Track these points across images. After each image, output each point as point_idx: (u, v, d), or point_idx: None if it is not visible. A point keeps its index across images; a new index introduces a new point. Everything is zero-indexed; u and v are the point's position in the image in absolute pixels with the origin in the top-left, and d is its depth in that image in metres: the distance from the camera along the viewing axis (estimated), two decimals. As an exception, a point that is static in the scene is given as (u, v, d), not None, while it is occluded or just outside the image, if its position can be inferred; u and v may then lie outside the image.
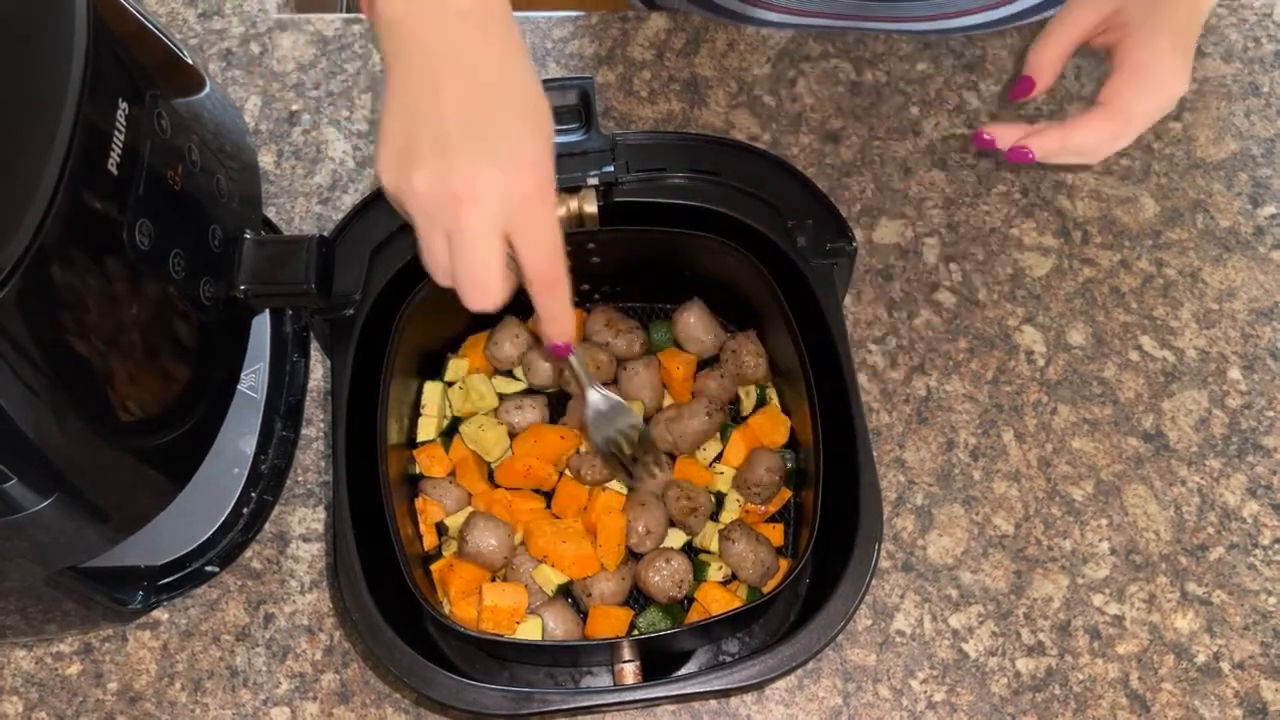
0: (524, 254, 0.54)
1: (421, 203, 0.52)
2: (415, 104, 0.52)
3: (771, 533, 0.71)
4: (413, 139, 0.52)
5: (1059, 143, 0.62)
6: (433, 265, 0.55)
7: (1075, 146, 0.62)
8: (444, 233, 0.53)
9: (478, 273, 0.53)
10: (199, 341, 0.59)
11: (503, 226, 0.52)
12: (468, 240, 0.52)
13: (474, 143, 0.51)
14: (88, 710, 0.68)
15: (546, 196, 0.53)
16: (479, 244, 0.52)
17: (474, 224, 0.52)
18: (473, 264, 0.53)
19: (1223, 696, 0.69)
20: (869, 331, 0.79)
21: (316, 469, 0.75)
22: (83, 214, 0.49)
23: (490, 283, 0.54)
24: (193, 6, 0.92)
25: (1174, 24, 0.62)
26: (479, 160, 0.51)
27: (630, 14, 0.92)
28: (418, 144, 0.52)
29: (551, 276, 0.55)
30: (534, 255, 0.54)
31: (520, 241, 0.53)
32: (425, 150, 0.51)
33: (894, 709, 0.68)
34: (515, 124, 0.53)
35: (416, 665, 0.60)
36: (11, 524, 0.52)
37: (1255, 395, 0.78)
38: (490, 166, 0.51)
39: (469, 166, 0.51)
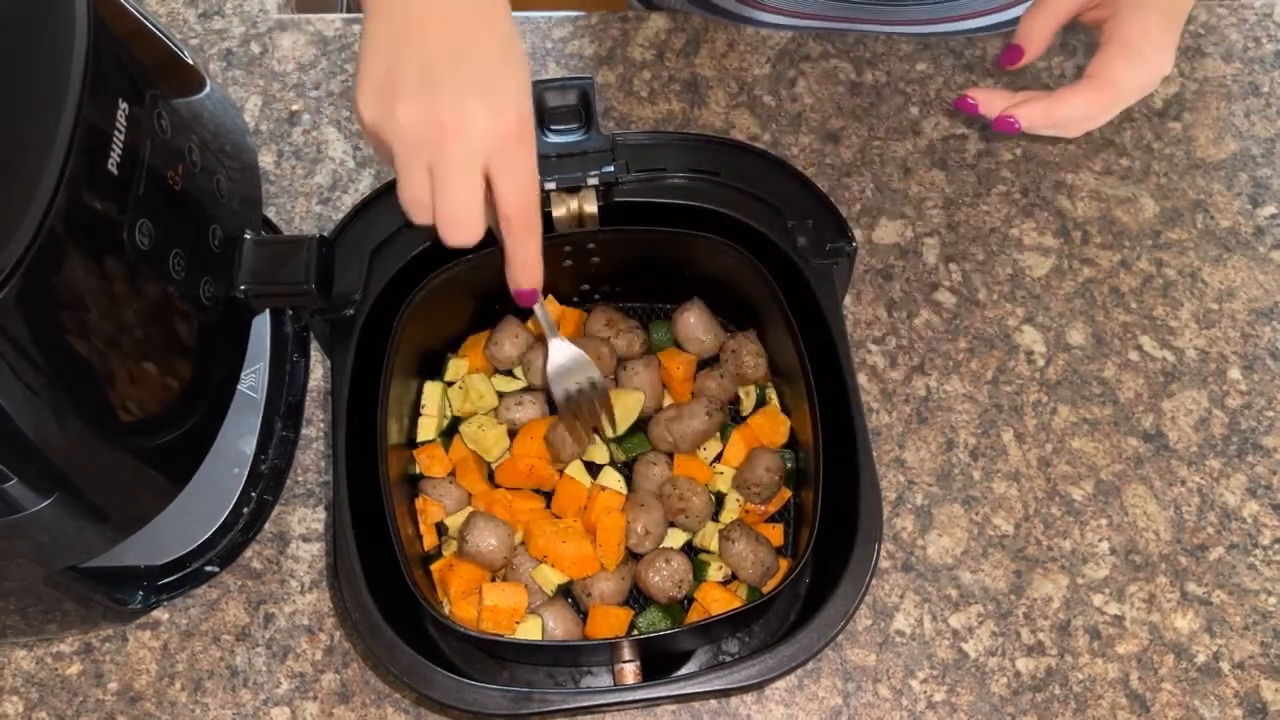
0: (503, 192, 0.54)
1: (405, 135, 0.52)
2: (398, 37, 0.52)
3: (771, 533, 0.71)
4: (396, 72, 0.52)
5: (1045, 114, 0.63)
6: (411, 201, 0.54)
7: (1061, 117, 0.63)
8: (425, 166, 0.53)
9: (459, 206, 0.53)
10: (199, 341, 0.59)
11: (484, 162, 0.52)
12: (452, 172, 0.52)
13: (461, 76, 0.51)
14: (88, 710, 0.68)
15: (528, 135, 0.53)
16: (463, 176, 0.52)
17: (459, 156, 0.52)
18: (456, 196, 0.53)
19: (1223, 696, 0.69)
20: (869, 331, 0.79)
21: (316, 469, 0.75)
22: (83, 214, 0.49)
23: (472, 217, 0.54)
24: (193, 6, 0.92)
25: (1161, 3, 0.62)
26: (467, 93, 0.51)
27: (630, 14, 0.92)
28: (402, 76, 0.51)
29: (527, 217, 0.55)
30: (513, 193, 0.54)
31: (500, 179, 0.53)
32: (410, 83, 0.51)
33: (894, 709, 0.69)
34: (499, 60, 0.53)
35: (416, 665, 0.60)
36: (11, 524, 0.52)
37: (1255, 395, 0.78)
38: (478, 100, 0.51)
39: (456, 99, 0.51)
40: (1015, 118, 0.64)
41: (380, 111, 0.52)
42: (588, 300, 0.79)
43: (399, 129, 0.52)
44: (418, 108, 0.51)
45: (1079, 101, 0.63)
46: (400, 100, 0.51)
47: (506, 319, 0.76)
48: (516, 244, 0.57)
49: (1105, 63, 0.62)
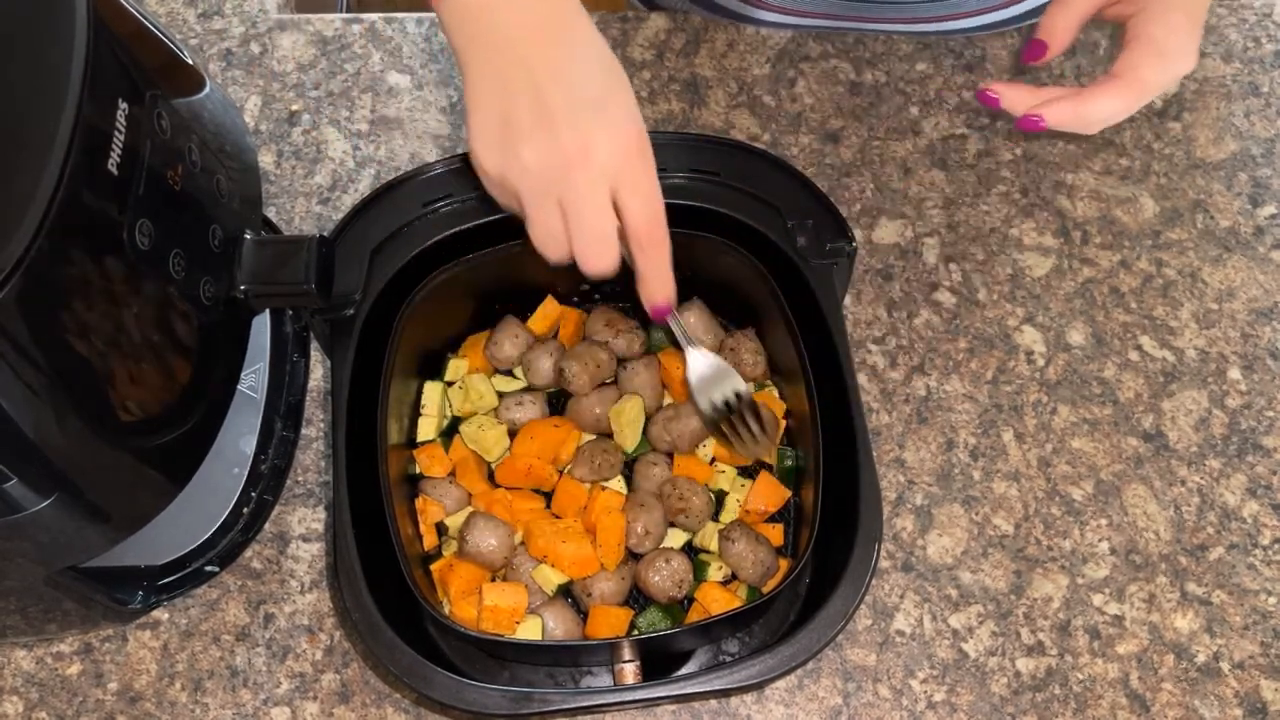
0: (630, 210, 0.54)
1: (532, 177, 0.53)
2: (505, 84, 0.53)
3: (771, 533, 0.71)
4: (510, 118, 0.53)
5: (1072, 113, 0.63)
6: (546, 238, 0.55)
7: (1087, 116, 0.63)
8: (556, 202, 0.54)
9: (599, 232, 0.54)
10: (199, 341, 0.59)
11: (611, 185, 0.53)
12: (585, 202, 0.53)
13: (576, 108, 0.52)
14: (88, 710, 0.68)
15: (648, 149, 0.55)
16: (596, 204, 0.53)
17: (588, 184, 0.53)
18: (593, 225, 0.54)
19: (1223, 696, 0.69)
20: (869, 331, 0.79)
21: (316, 469, 0.75)
22: (83, 214, 0.49)
23: (611, 241, 0.55)
24: (193, 6, 0.92)
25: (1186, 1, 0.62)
26: (585, 123, 0.52)
27: (630, 14, 0.92)
28: (518, 120, 0.52)
29: (656, 232, 0.56)
30: (640, 211, 0.55)
31: (626, 198, 0.54)
32: (528, 125, 0.52)
33: (894, 709, 0.69)
34: (607, 85, 0.54)
35: (416, 665, 0.60)
36: (11, 524, 0.52)
37: (1255, 395, 0.78)
38: (596, 126, 0.52)
39: (576, 129, 0.52)
40: (1041, 116, 0.63)
41: (503, 158, 0.53)
42: (588, 300, 0.79)
43: (525, 171, 0.53)
44: (541, 146, 0.52)
45: (1106, 100, 0.62)
46: (522, 142, 0.52)
47: (506, 319, 0.76)
48: (648, 259, 0.57)
49: (1132, 62, 0.62)
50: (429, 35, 0.91)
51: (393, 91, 0.88)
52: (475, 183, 0.71)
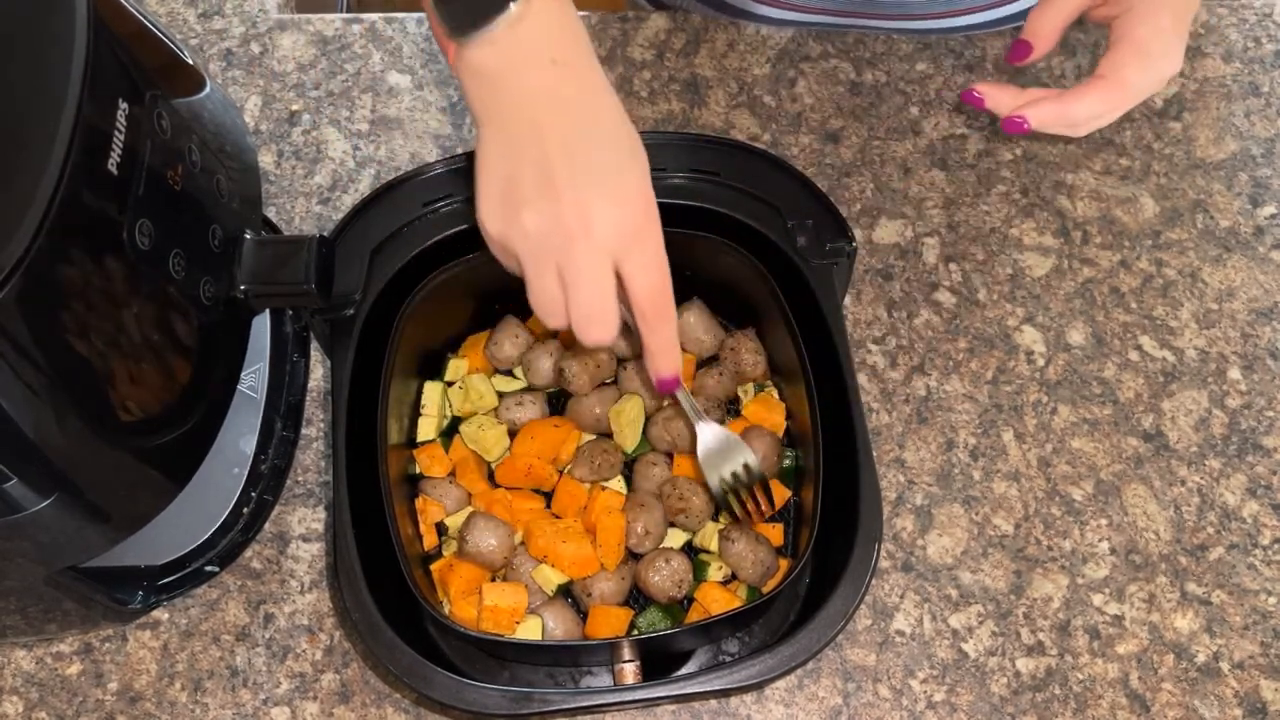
0: (634, 285, 0.54)
1: (532, 243, 0.53)
2: (514, 148, 0.53)
3: (771, 533, 0.71)
4: (515, 182, 0.52)
5: (1056, 115, 0.63)
6: (545, 306, 0.55)
7: (1072, 118, 0.63)
8: (555, 271, 0.53)
9: (595, 306, 0.54)
10: (199, 341, 0.59)
11: (613, 258, 0.53)
12: (583, 274, 0.53)
13: (581, 177, 0.52)
14: (88, 710, 0.68)
15: (655, 226, 0.54)
16: (594, 277, 0.53)
17: (587, 257, 0.53)
18: (590, 298, 0.54)
19: (1223, 696, 0.69)
20: (869, 331, 0.79)
21: (316, 469, 0.75)
22: (83, 214, 0.49)
23: (608, 315, 0.54)
24: (193, 6, 0.92)
25: (1174, 2, 0.62)
26: (588, 194, 0.52)
27: (630, 14, 0.92)
28: (522, 186, 0.52)
29: (662, 307, 0.56)
30: (645, 286, 0.54)
31: (630, 272, 0.54)
32: (531, 191, 0.52)
33: (894, 709, 0.69)
34: (617, 157, 0.53)
35: (416, 665, 0.60)
36: (11, 524, 0.52)
37: (1255, 395, 0.78)
38: (599, 198, 0.52)
39: (578, 200, 0.52)
40: (1025, 118, 0.63)
41: (505, 222, 0.53)
42: (588, 300, 0.79)
43: (525, 237, 0.53)
44: (540, 214, 0.52)
45: (1090, 101, 0.62)
46: (524, 208, 0.52)
47: (506, 319, 0.76)
48: (653, 332, 0.57)
49: (1117, 63, 0.62)
50: (429, 35, 0.91)
51: (393, 91, 0.88)
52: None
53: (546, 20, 0.53)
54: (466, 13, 0.52)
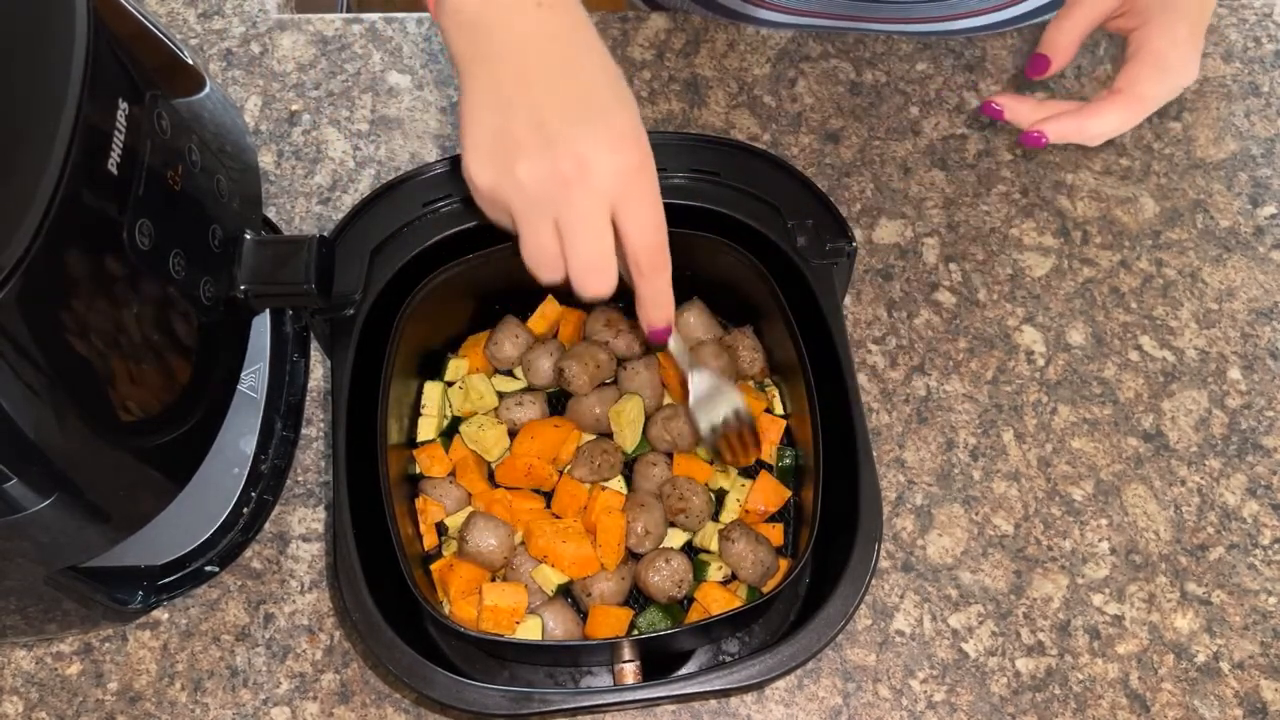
0: (631, 231, 0.53)
1: (528, 193, 0.52)
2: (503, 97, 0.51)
3: (771, 533, 0.71)
4: (506, 132, 0.51)
5: (1075, 128, 0.62)
6: (540, 259, 0.54)
7: (1090, 131, 0.63)
8: (552, 221, 0.52)
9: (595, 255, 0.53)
10: (199, 341, 0.59)
11: (610, 205, 0.52)
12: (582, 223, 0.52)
13: (575, 124, 0.51)
14: (88, 710, 0.68)
15: (650, 170, 0.53)
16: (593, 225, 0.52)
17: (586, 203, 0.51)
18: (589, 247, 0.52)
19: (1223, 696, 0.69)
20: (869, 331, 0.79)
21: (316, 469, 0.75)
22: (83, 214, 0.49)
23: (608, 264, 0.53)
24: (193, 6, 0.92)
25: (1190, 13, 0.62)
26: (584, 139, 0.51)
27: (630, 14, 0.92)
28: (514, 135, 0.51)
29: (657, 256, 0.54)
30: (641, 232, 0.53)
31: (627, 218, 0.52)
32: (524, 139, 0.51)
33: (894, 709, 0.69)
34: (609, 101, 0.52)
35: (416, 665, 0.60)
36: (11, 524, 0.52)
37: (1255, 395, 0.78)
38: (595, 144, 0.51)
39: (574, 147, 0.50)
40: (1043, 132, 0.63)
41: (498, 172, 0.52)
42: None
43: (521, 188, 0.51)
44: (537, 163, 0.51)
45: (1109, 116, 0.62)
46: (518, 158, 0.51)
47: (506, 319, 0.76)
48: (648, 282, 0.56)
49: (1136, 76, 0.62)
50: (429, 35, 0.91)
51: (393, 91, 0.88)
52: (475, 183, 0.71)
53: None
54: None
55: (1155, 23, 0.62)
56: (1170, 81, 0.62)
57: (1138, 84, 0.62)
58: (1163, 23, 0.62)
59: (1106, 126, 0.62)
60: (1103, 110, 0.62)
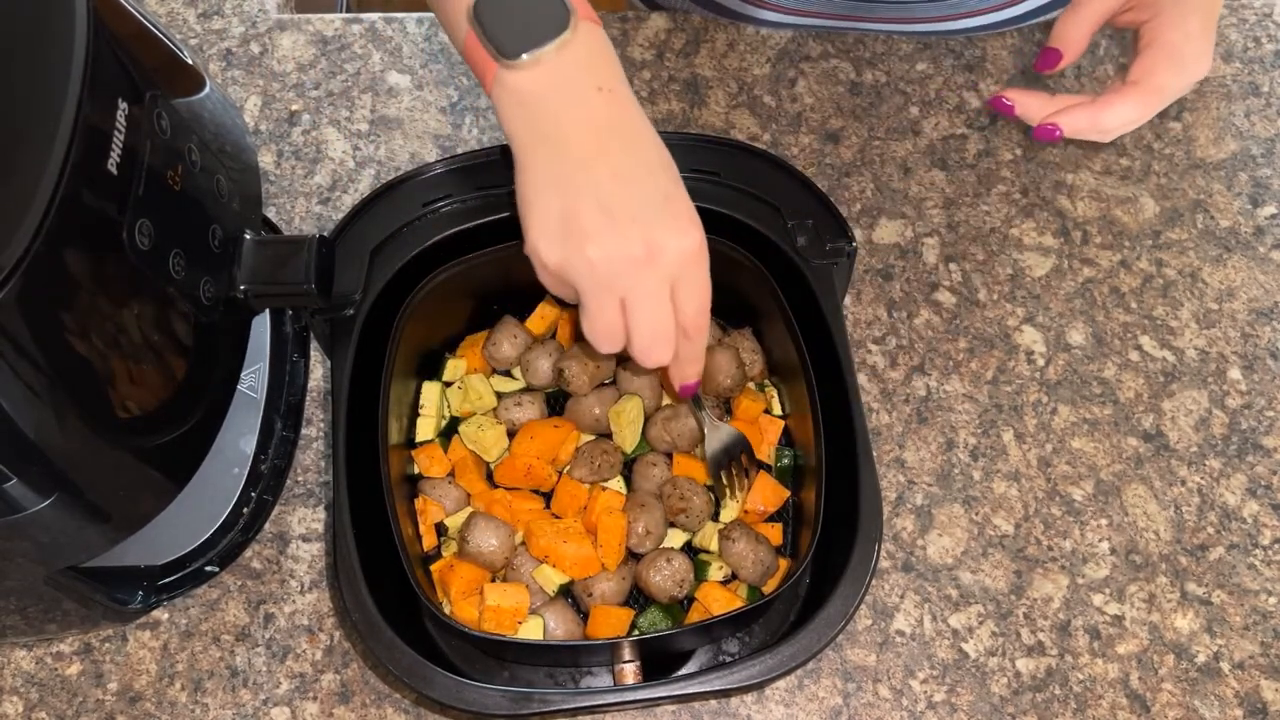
0: (685, 307, 0.56)
1: (598, 273, 0.54)
2: (564, 180, 0.53)
3: (771, 533, 0.71)
4: (574, 213, 0.53)
5: (1089, 121, 0.62)
6: (605, 332, 0.56)
7: (1104, 124, 0.62)
8: (618, 298, 0.54)
9: (660, 330, 0.55)
10: (199, 341, 0.59)
11: (672, 282, 0.55)
12: (650, 298, 0.54)
13: (640, 209, 0.53)
14: (88, 710, 0.68)
15: (704, 248, 0.55)
16: (659, 303, 0.55)
17: (653, 282, 0.54)
18: (655, 324, 0.55)
19: (1223, 696, 0.69)
20: (869, 331, 0.79)
21: (316, 469, 0.75)
22: (83, 214, 0.49)
23: (671, 337, 0.56)
24: (193, 6, 0.92)
25: (1202, 6, 0.62)
26: (652, 224, 0.53)
27: (630, 14, 0.92)
28: (582, 219, 0.53)
29: (703, 323, 0.58)
30: (694, 308, 0.56)
31: (684, 293, 0.55)
32: (592, 223, 0.53)
33: (894, 709, 0.68)
34: (669, 185, 0.54)
35: (416, 665, 0.60)
36: (11, 524, 0.52)
37: (1255, 395, 0.78)
38: (662, 229, 0.53)
39: (645, 231, 0.53)
40: (1057, 125, 0.63)
41: (565, 254, 0.54)
42: (588, 300, 0.79)
43: (591, 267, 0.53)
44: (607, 245, 0.53)
45: (1123, 108, 0.62)
46: (586, 242, 0.53)
47: (505, 319, 0.76)
48: (690, 346, 0.59)
49: (1149, 69, 0.62)
50: (429, 35, 0.91)
51: (393, 91, 0.88)
52: (475, 182, 0.71)
53: (590, 45, 0.53)
54: (521, 34, 0.52)
55: (1167, 15, 0.62)
56: (1185, 74, 0.62)
57: (1153, 75, 0.61)
58: (1174, 16, 0.61)
59: (1121, 119, 0.62)
60: (1117, 102, 0.62)
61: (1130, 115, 0.62)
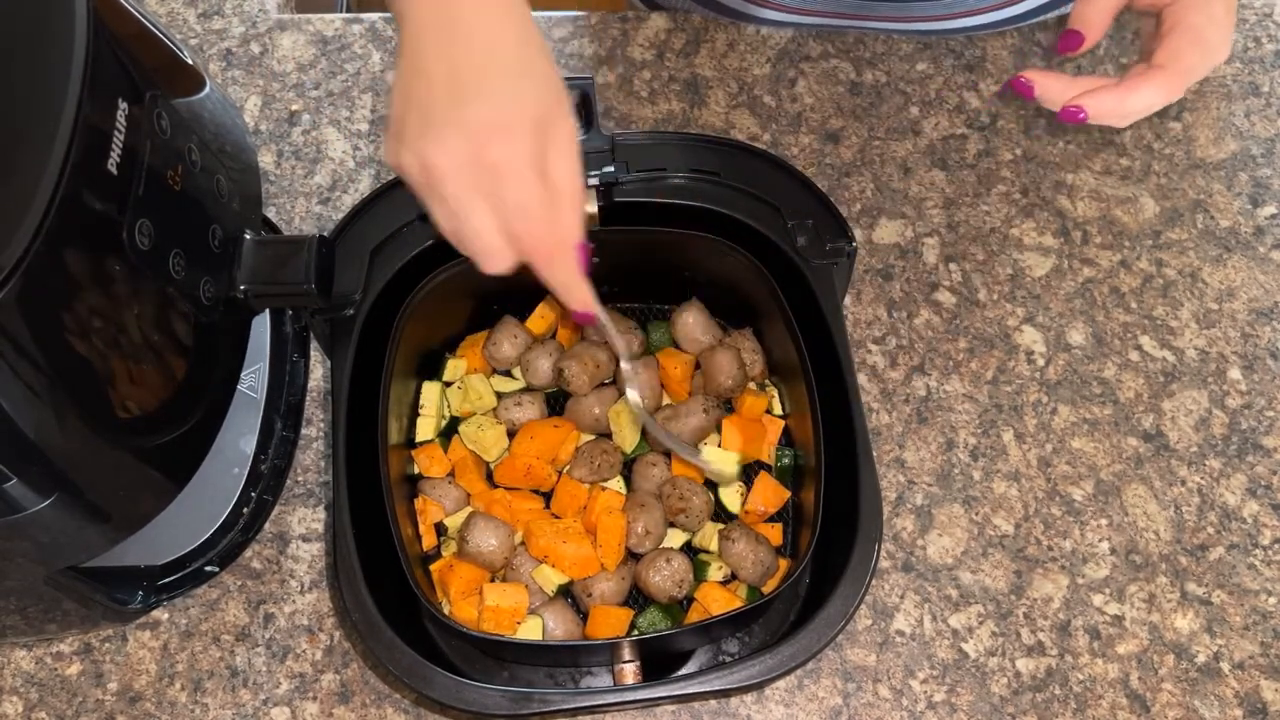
0: (511, 225, 0.52)
1: (411, 180, 0.53)
2: (406, 83, 0.52)
3: (771, 533, 0.71)
4: (403, 120, 0.52)
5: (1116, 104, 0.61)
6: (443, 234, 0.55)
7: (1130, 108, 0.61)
8: (436, 205, 0.53)
9: (469, 241, 0.54)
10: (199, 341, 0.59)
11: (483, 194, 0.52)
12: (453, 209, 0.52)
13: (451, 111, 0.51)
14: (88, 710, 0.68)
15: (519, 159, 0.51)
16: (463, 211, 0.52)
17: (452, 194, 0.52)
18: (461, 232, 0.53)
19: (1223, 696, 0.69)
20: (869, 331, 0.79)
21: (316, 469, 0.75)
22: (83, 214, 0.49)
23: (486, 249, 0.54)
24: (193, 6, 0.92)
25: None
26: (449, 131, 0.51)
27: (630, 14, 0.92)
28: (406, 124, 0.52)
29: (543, 247, 0.53)
30: (519, 225, 0.52)
31: (501, 207, 0.52)
32: (411, 130, 0.52)
33: (894, 709, 0.68)
34: (499, 86, 0.51)
35: (416, 665, 0.60)
36: (11, 524, 0.52)
37: (1255, 395, 0.78)
38: (458, 136, 0.51)
39: (439, 140, 0.51)
40: (1082, 108, 0.61)
41: (393, 156, 0.53)
42: (587, 300, 0.79)
43: (406, 174, 0.53)
44: (414, 154, 0.52)
45: (1150, 91, 0.60)
46: (404, 148, 0.52)
47: (505, 319, 0.76)
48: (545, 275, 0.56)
49: (1175, 52, 0.60)
50: (429, 35, 0.91)
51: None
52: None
53: None
54: None
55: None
56: (1209, 58, 0.61)
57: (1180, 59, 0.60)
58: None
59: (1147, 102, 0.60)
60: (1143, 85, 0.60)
61: (1155, 99, 0.61)
